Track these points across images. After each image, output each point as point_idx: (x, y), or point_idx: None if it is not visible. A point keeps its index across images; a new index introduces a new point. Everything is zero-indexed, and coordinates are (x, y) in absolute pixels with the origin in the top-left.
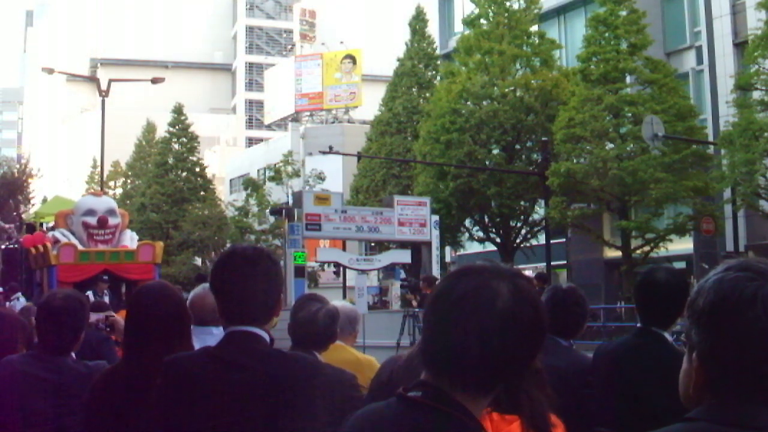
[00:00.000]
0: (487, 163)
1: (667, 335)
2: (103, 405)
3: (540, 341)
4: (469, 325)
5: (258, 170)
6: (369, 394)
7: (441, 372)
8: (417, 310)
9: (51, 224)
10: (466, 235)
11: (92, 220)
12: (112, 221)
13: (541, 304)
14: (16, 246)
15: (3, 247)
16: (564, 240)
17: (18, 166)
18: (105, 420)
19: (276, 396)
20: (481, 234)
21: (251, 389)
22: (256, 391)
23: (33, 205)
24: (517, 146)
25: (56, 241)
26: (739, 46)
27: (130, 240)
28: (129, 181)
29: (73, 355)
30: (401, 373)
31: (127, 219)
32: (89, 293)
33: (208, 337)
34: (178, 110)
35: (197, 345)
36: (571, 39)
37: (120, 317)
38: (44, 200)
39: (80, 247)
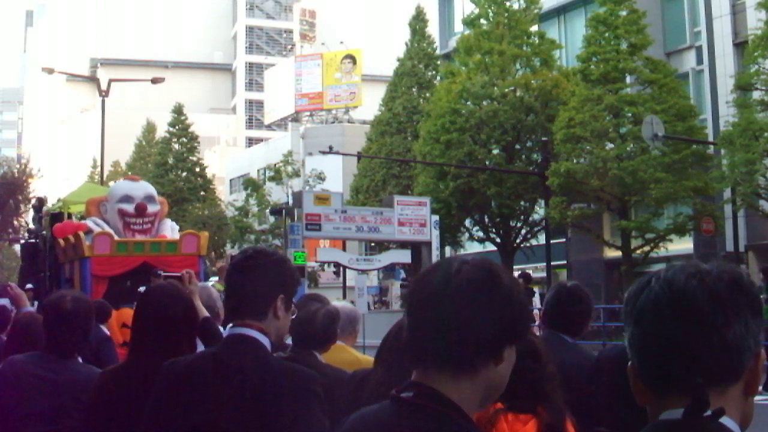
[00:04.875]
0: (487, 163)
1: None
2: (106, 404)
3: (506, 311)
4: (435, 306)
5: (258, 170)
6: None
7: (425, 359)
8: None
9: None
10: (466, 235)
11: (129, 208)
12: (151, 208)
13: (501, 272)
14: (35, 240)
15: (22, 241)
16: (564, 240)
17: (18, 166)
18: (108, 419)
19: (270, 404)
20: (481, 234)
21: (246, 395)
22: (250, 397)
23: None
24: (517, 146)
25: (89, 231)
26: (739, 46)
27: (171, 230)
28: None
29: (79, 358)
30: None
31: (166, 207)
32: (142, 289)
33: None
34: (178, 110)
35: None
36: (571, 39)
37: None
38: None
39: (116, 237)
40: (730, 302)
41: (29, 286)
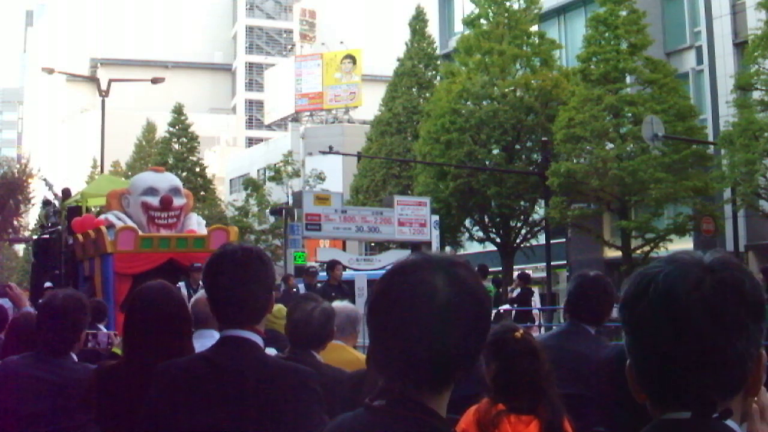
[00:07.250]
0: (487, 163)
1: None
2: (107, 401)
3: (485, 328)
4: (411, 325)
5: (258, 170)
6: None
7: (393, 376)
8: None
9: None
10: (466, 235)
11: (154, 201)
12: (177, 202)
13: (482, 290)
14: (49, 236)
15: (35, 237)
16: (564, 240)
17: (18, 166)
18: (109, 417)
19: (269, 403)
20: (481, 234)
21: (244, 396)
22: (249, 399)
23: (33, 205)
24: (517, 146)
25: (110, 226)
26: (739, 46)
27: (197, 224)
28: None
29: (74, 356)
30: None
31: (192, 200)
32: (181, 285)
33: (207, 340)
34: (178, 110)
35: (197, 347)
36: (571, 39)
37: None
38: (44, 201)
39: (140, 232)
40: (733, 320)
41: (48, 284)
